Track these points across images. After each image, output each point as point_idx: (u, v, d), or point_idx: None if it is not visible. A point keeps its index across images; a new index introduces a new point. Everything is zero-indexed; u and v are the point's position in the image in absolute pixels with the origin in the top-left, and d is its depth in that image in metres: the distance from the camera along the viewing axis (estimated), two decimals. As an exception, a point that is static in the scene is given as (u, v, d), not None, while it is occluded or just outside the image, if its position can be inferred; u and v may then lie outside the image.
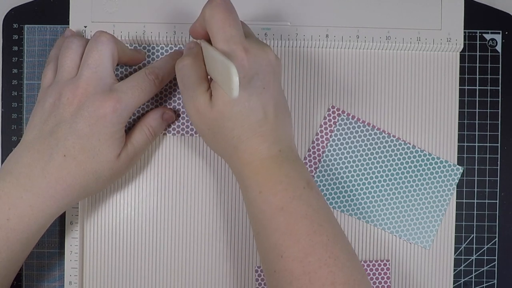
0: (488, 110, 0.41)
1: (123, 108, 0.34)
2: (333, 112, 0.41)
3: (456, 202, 0.41)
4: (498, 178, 0.41)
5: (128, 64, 0.40)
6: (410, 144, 0.41)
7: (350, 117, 0.41)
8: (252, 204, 0.33)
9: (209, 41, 0.33)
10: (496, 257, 0.41)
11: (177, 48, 0.40)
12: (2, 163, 0.40)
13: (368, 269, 0.40)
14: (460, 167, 0.41)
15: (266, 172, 0.32)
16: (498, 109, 0.41)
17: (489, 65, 0.41)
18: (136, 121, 0.38)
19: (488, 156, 0.41)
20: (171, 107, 0.40)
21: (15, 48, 0.41)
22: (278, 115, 0.33)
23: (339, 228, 0.33)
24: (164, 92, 0.40)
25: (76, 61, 0.35)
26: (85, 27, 0.40)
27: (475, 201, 0.41)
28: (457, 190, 0.41)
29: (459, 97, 0.41)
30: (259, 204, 0.32)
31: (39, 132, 0.34)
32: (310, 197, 0.32)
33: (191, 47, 0.35)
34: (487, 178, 0.41)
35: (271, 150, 0.33)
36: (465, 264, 0.41)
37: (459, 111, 0.41)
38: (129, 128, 0.38)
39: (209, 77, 0.34)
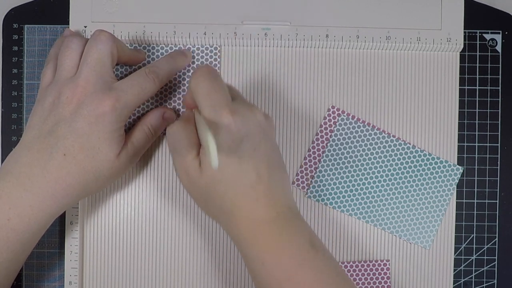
0: (488, 110, 0.41)
1: (122, 107, 0.34)
2: (333, 112, 0.41)
3: (456, 202, 0.41)
4: (498, 178, 0.41)
5: (128, 63, 0.40)
6: (410, 144, 0.41)
7: (350, 117, 0.41)
8: (256, 277, 0.32)
9: None
10: (496, 257, 0.41)
11: (177, 48, 0.40)
12: (2, 163, 0.40)
13: (368, 269, 0.40)
14: (460, 167, 0.41)
15: (266, 239, 0.31)
16: (498, 109, 0.41)
17: (489, 65, 0.41)
18: (136, 121, 0.38)
19: (488, 156, 0.41)
20: (171, 107, 0.40)
21: (15, 48, 0.41)
22: (272, 174, 0.33)
23: (351, 284, 0.32)
24: (164, 92, 0.40)
25: (76, 60, 0.35)
26: (85, 27, 0.40)
27: (475, 201, 0.41)
28: (457, 190, 0.41)
29: (459, 97, 0.41)
30: (263, 277, 0.31)
31: (39, 131, 0.33)
32: (316, 260, 0.31)
33: (185, 113, 0.36)
34: (487, 178, 0.41)
35: (268, 213, 0.32)
36: (465, 264, 0.41)
37: (459, 111, 0.41)
38: (129, 128, 0.38)
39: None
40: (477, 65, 0.41)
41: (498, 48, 0.41)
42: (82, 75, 0.33)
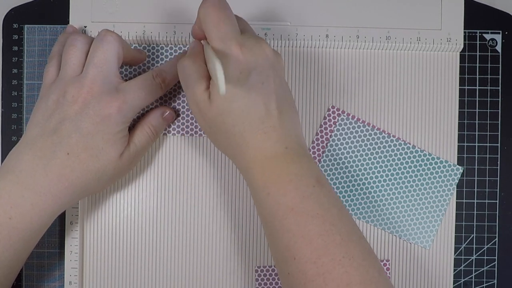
0: (488, 110, 0.41)
1: (128, 109, 0.34)
2: (333, 112, 0.41)
3: (456, 202, 0.41)
4: (498, 178, 0.41)
5: (129, 64, 0.40)
6: (410, 144, 0.41)
7: (350, 117, 0.41)
8: (261, 206, 0.32)
9: None
10: (496, 257, 0.41)
11: (177, 48, 0.40)
12: (2, 162, 0.40)
13: (368, 269, 0.40)
14: (460, 167, 0.41)
15: (273, 171, 0.32)
16: (498, 109, 0.41)
17: (489, 65, 0.41)
18: (137, 121, 0.38)
19: (488, 156, 0.41)
20: (171, 107, 0.40)
21: (15, 48, 0.41)
22: (282, 111, 0.33)
23: (353, 225, 0.32)
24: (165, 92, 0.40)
25: (81, 58, 0.34)
26: (85, 27, 0.40)
27: (475, 201, 0.41)
28: (457, 190, 0.41)
29: (459, 97, 0.41)
30: (268, 206, 0.32)
31: (42, 129, 0.33)
32: (320, 195, 0.31)
33: (193, 46, 0.35)
34: (487, 178, 0.41)
35: (276, 147, 0.32)
36: (465, 264, 0.41)
37: (459, 111, 0.41)
38: (129, 128, 0.38)
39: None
40: (477, 65, 0.41)
41: (498, 48, 0.41)
42: (88, 75, 0.33)
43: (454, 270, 0.41)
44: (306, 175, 0.32)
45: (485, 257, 0.41)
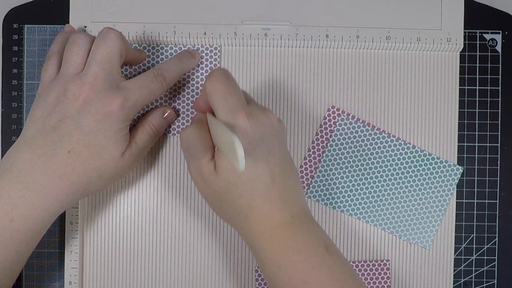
0: (488, 110, 0.41)
1: (130, 107, 0.34)
2: (333, 112, 0.41)
3: (456, 202, 0.41)
4: (498, 178, 0.41)
5: (129, 63, 0.40)
6: (410, 144, 0.41)
7: (350, 117, 0.41)
8: (271, 279, 0.32)
9: (213, 114, 0.33)
10: (496, 257, 0.41)
11: (177, 48, 0.40)
12: (2, 163, 0.40)
13: (368, 269, 0.40)
14: (460, 167, 0.41)
15: (282, 242, 0.31)
16: (498, 109, 0.41)
17: (489, 65, 0.41)
18: (137, 121, 0.38)
19: (488, 156, 0.41)
20: (172, 107, 0.40)
21: (15, 48, 0.41)
22: (285, 176, 0.33)
23: (364, 287, 0.32)
24: (165, 92, 0.40)
25: (83, 56, 0.34)
26: (85, 27, 0.40)
27: (475, 201, 0.41)
28: (457, 190, 0.41)
29: (459, 97, 0.41)
30: (279, 279, 0.31)
31: (41, 127, 0.33)
32: (331, 263, 0.31)
33: (197, 116, 0.35)
34: (487, 178, 0.41)
35: (283, 216, 0.32)
36: (465, 264, 0.41)
37: (459, 111, 0.41)
38: (130, 128, 0.38)
39: (216, 148, 0.33)
40: (477, 65, 0.41)
41: (498, 48, 0.41)
42: (90, 72, 0.33)
43: (454, 270, 0.41)
44: (314, 243, 0.32)
45: (485, 257, 0.41)
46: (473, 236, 0.41)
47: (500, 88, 0.41)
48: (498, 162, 0.41)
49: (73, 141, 0.32)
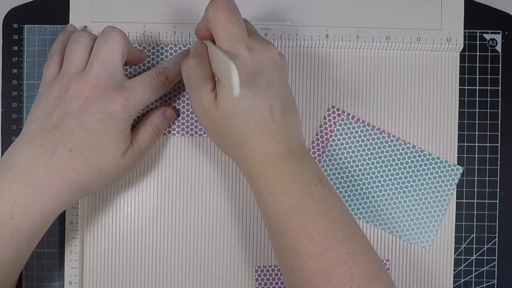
0: (488, 110, 0.41)
1: (132, 106, 0.34)
2: (333, 112, 0.41)
3: (456, 202, 0.41)
4: (498, 178, 0.41)
5: (130, 63, 0.40)
6: (410, 144, 0.41)
7: (350, 117, 0.41)
8: (264, 204, 0.33)
9: (214, 41, 0.33)
10: (496, 257, 0.41)
11: (177, 48, 0.40)
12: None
13: (368, 269, 0.40)
14: (460, 167, 0.41)
15: (276, 171, 0.32)
16: (498, 109, 0.41)
17: (489, 65, 0.41)
18: (137, 121, 0.38)
19: (488, 156, 0.41)
20: (172, 106, 0.40)
21: (15, 48, 0.41)
22: (285, 112, 0.33)
23: (355, 223, 0.32)
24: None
25: (85, 55, 0.34)
26: (85, 27, 0.40)
27: (475, 201, 0.41)
28: (457, 190, 0.41)
29: (459, 97, 0.41)
30: (271, 204, 0.32)
31: (42, 125, 0.33)
32: (322, 193, 0.32)
33: (197, 46, 0.35)
34: (487, 178, 0.41)
35: (279, 148, 0.32)
36: (465, 264, 0.41)
37: (459, 111, 0.41)
38: (131, 128, 0.38)
39: (216, 79, 0.34)
40: (477, 65, 0.41)
41: (498, 48, 0.41)
42: (92, 70, 0.33)
43: (454, 270, 0.41)
44: (308, 174, 0.32)
45: (485, 257, 0.41)
46: (473, 236, 0.41)
47: (500, 88, 0.41)
48: (498, 162, 0.41)
49: (75, 139, 0.32)
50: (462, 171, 0.41)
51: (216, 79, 0.33)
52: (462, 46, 0.40)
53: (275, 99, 0.33)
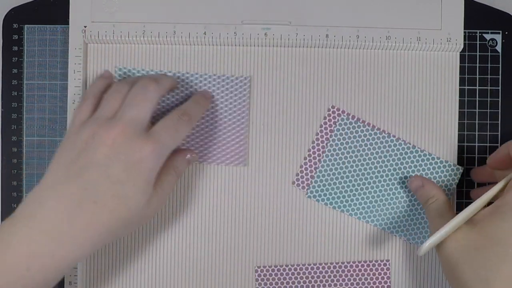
0: (488, 110, 0.41)
1: (161, 151, 0.33)
2: (333, 112, 0.41)
3: (456, 202, 0.41)
4: (498, 178, 0.41)
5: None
6: (410, 144, 0.41)
7: (350, 117, 0.41)
8: None
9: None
10: (496, 257, 0.41)
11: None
12: (1, 164, 0.40)
13: (368, 269, 0.40)
14: (460, 167, 0.41)
15: None
16: (498, 109, 0.41)
17: (489, 65, 0.41)
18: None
19: (488, 156, 0.41)
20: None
21: (15, 48, 0.41)
22: None
23: None
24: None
25: (121, 103, 0.34)
26: (85, 27, 0.40)
27: (475, 201, 0.41)
28: (457, 190, 0.41)
29: (459, 97, 0.41)
30: None
31: (66, 172, 0.31)
32: None
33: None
34: (487, 178, 0.41)
35: None
36: (465, 264, 0.41)
37: (459, 111, 0.41)
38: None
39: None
40: (477, 65, 0.41)
41: (498, 48, 0.41)
42: (123, 118, 0.33)
43: (454, 270, 0.41)
44: None
45: (485, 257, 0.41)
46: (473, 236, 0.41)
47: (500, 88, 0.41)
48: (498, 162, 0.41)
49: (100, 190, 0.31)
50: (462, 171, 0.41)
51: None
52: (462, 46, 0.40)
53: None
